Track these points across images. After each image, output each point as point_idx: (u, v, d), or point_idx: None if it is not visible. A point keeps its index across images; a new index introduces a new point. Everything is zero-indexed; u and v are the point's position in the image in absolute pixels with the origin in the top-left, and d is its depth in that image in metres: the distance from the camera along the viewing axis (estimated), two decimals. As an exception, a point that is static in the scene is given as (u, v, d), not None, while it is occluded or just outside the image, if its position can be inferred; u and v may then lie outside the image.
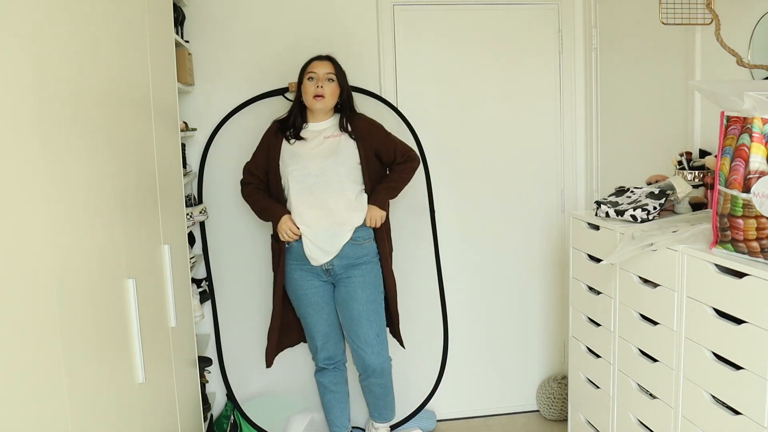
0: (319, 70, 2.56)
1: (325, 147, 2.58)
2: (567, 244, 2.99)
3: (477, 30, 3.07)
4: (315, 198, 2.54)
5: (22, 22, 0.94)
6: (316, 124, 2.63)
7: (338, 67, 2.61)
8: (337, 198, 2.54)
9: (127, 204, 1.44)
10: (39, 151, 0.98)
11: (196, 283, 2.85)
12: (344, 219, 2.55)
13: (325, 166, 2.54)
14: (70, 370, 1.04)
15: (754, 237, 1.49)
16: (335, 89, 2.59)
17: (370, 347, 2.63)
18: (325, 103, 2.56)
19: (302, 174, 2.55)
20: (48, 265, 0.99)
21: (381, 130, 2.68)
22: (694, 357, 1.69)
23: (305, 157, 2.57)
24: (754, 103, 1.47)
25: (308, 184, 2.54)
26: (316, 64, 2.59)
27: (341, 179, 2.55)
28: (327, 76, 2.56)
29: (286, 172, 2.57)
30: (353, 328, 2.63)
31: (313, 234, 2.55)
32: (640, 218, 2.01)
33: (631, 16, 2.77)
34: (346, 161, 2.57)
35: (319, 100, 2.54)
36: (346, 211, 2.55)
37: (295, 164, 2.56)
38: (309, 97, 2.56)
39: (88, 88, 1.23)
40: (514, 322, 3.28)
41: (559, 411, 3.15)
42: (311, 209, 2.54)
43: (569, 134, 3.19)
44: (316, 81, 2.56)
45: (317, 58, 2.62)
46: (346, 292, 2.61)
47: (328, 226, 2.54)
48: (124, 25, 1.50)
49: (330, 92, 2.57)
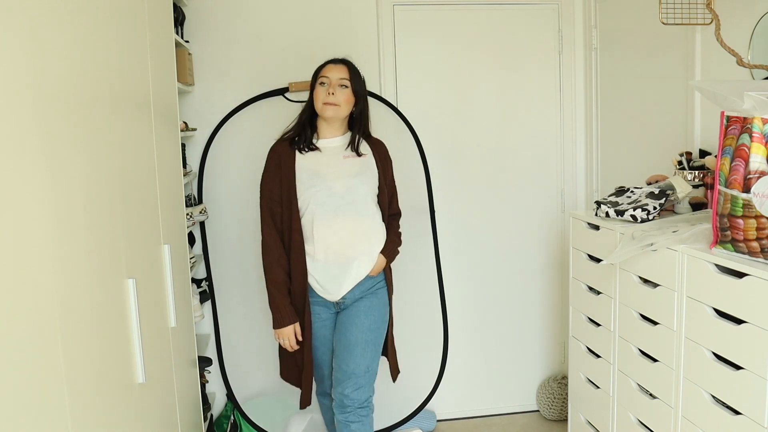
0: (332, 75, 2.30)
1: (349, 166, 2.32)
2: (567, 244, 2.99)
3: (477, 30, 3.07)
4: (342, 221, 2.27)
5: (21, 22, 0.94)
6: (327, 141, 2.35)
7: (354, 73, 2.33)
8: (366, 222, 2.30)
9: (127, 204, 1.44)
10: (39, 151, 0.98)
11: (196, 283, 2.85)
12: (372, 247, 2.32)
13: (353, 185, 2.29)
14: (70, 370, 1.04)
15: (754, 237, 1.49)
16: (349, 97, 2.31)
17: (354, 379, 2.31)
18: (337, 111, 2.28)
19: (327, 194, 2.26)
20: (48, 265, 0.99)
21: (391, 166, 2.47)
22: (694, 357, 1.69)
23: (329, 177, 2.28)
24: (754, 103, 1.47)
25: (334, 206, 2.26)
26: (330, 68, 2.33)
27: (368, 201, 2.31)
28: (340, 81, 2.29)
29: (307, 193, 2.26)
30: (344, 356, 2.32)
31: (334, 263, 2.28)
32: (640, 218, 2.01)
33: (631, 16, 2.76)
34: (371, 182, 2.34)
35: (329, 107, 2.27)
36: (375, 237, 2.33)
37: (319, 184, 2.26)
38: (319, 103, 2.29)
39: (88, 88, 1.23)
40: (514, 322, 3.28)
41: (559, 411, 3.15)
42: (336, 234, 2.27)
43: (569, 134, 3.19)
44: (327, 87, 2.29)
45: (332, 62, 2.35)
46: (347, 317, 2.34)
47: (354, 254, 2.29)
48: (124, 25, 1.50)
49: (344, 100, 2.29)
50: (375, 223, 2.34)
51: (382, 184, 2.37)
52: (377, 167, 2.36)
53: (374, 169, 2.36)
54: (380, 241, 2.35)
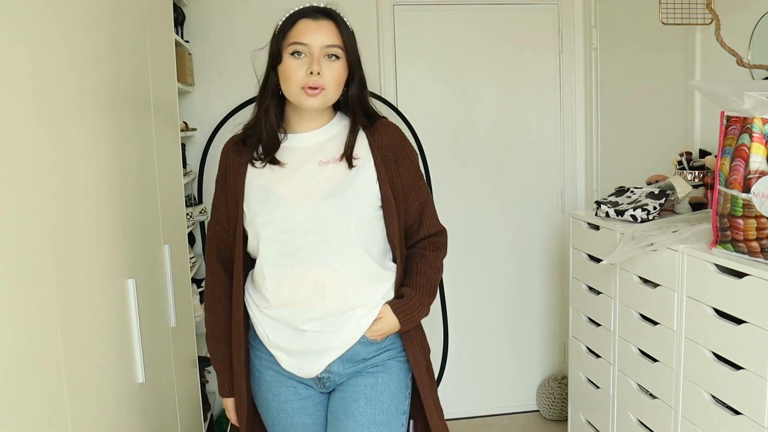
0: (314, 40, 1.40)
1: (323, 179, 1.44)
2: (567, 244, 2.99)
3: (477, 30, 3.07)
4: (302, 271, 1.43)
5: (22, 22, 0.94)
6: (303, 136, 1.48)
7: (346, 31, 1.45)
8: (350, 270, 1.44)
9: (127, 204, 1.44)
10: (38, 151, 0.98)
11: (196, 283, 2.85)
12: (355, 301, 1.46)
13: (324, 213, 1.42)
14: (70, 370, 1.04)
15: (754, 237, 1.49)
16: (341, 72, 1.42)
17: None
18: (326, 97, 1.42)
19: (281, 229, 1.42)
20: (48, 265, 0.99)
21: (414, 160, 1.57)
22: (694, 357, 1.69)
23: (286, 198, 1.43)
24: (754, 103, 1.47)
25: (291, 248, 1.43)
26: (307, 28, 1.41)
27: (351, 239, 1.43)
28: (328, 50, 1.40)
29: (255, 223, 1.44)
30: None
31: (300, 330, 1.46)
32: (640, 218, 2.01)
33: (631, 16, 2.76)
34: (359, 205, 1.44)
35: (314, 94, 1.39)
36: (361, 290, 1.46)
37: (269, 211, 1.43)
38: (294, 87, 1.40)
39: (88, 88, 1.23)
40: (514, 322, 3.28)
41: (559, 411, 3.15)
42: (298, 291, 1.44)
43: (569, 134, 3.19)
44: (308, 60, 1.39)
45: (308, 15, 1.44)
46: (341, 400, 1.50)
47: (336, 312, 1.45)
48: (124, 25, 1.50)
49: (334, 79, 1.41)
50: (366, 268, 1.46)
51: (388, 197, 1.47)
52: (377, 173, 1.47)
53: (369, 179, 1.47)
54: (383, 285, 1.50)
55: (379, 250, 1.50)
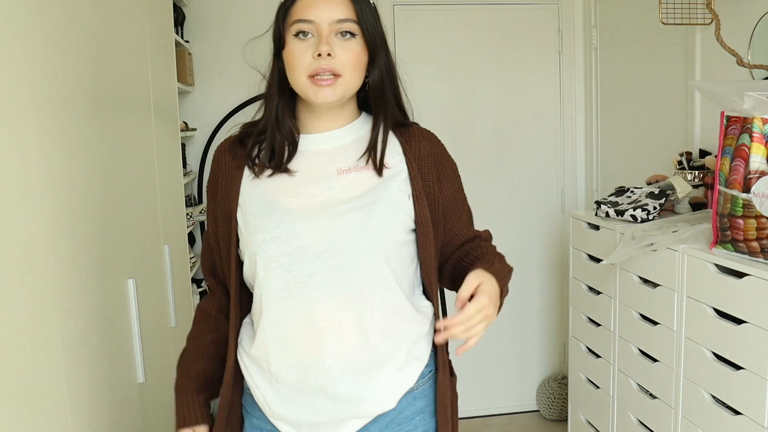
0: (321, 15, 1.12)
1: (342, 189, 1.14)
2: (567, 244, 2.99)
3: (477, 30, 3.07)
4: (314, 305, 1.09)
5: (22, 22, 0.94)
6: (317, 138, 1.19)
7: (361, 2, 1.19)
8: (370, 306, 1.11)
9: (127, 204, 1.44)
10: (39, 151, 0.98)
11: (196, 283, 2.85)
12: (384, 350, 1.13)
13: (345, 230, 1.10)
14: (70, 370, 1.04)
15: (754, 237, 1.49)
16: (359, 52, 1.14)
17: None
18: (342, 87, 1.12)
19: (287, 249, 1.10)
20: (48, 265, 0.99)
21: (457, 173, 1.36)
22: (694, 357, 1.69)
23: (295, 212, 1.12)
24: (754, 103, 1.47)
25: (300, 275, 1.10)
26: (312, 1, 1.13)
27: (379, 264, 1.11)
28: (339, 27, 1.12)
29: (252, 242, 1.12)
30: None
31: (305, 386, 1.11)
32: (640, 218, 2.01)
33: (631, 16, 2.76)
34: (387, 223, 1.13)
35: (326, 84, 1.11)
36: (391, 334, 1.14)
37: (272, 227, 1.11)
38: (300, 76, 1.12)
39: (89, 87, 1.23)
40: (514, 322, 3.28)
41: (559, 411, 3.15)
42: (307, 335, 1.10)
43: (569, 134, 3.19)
44: (316, 41, 1.11)
45: None
46: None
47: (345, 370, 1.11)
48: (124, 25, 1.50)
49: (351, 62, 1.12)
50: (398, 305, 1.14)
51: (424, 218, 1.17)
52: (413, 188, 1.18)
53: (402, 193, 1.16)
54: (414, 330, 1.18)
55: (409, 283, 1.18)
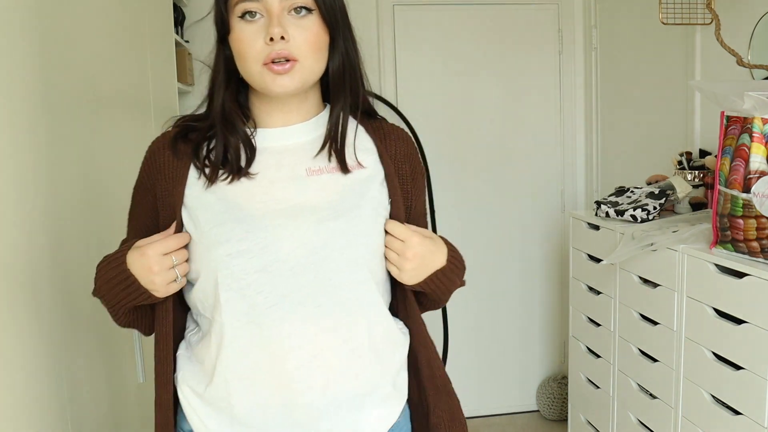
0: None
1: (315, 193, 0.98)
2: (567, 244, 2.99)
3: (477, 30, 3.07)
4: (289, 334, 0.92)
5: (23, 23, 0.94)
6: (278, 133, 1.01)
7: None
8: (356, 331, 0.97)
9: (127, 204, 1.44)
10: (39, 151, 0.98)
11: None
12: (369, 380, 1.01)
13: (324, 241, 0.95)
14: (70, 370, 1.04)
15: (754, 237, 1.49)
16: (318, 32, 0.95)
17: None
18: (301, 73, 0.94)
19: (257, 266, 0.92)
20: (48, 265, 0.99)
21: (425, 177, 1.24)
22: (694, 357, 1.69)
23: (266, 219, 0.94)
24: (754, 103, 1.47)
25: (271, 298, 0.93)
26: None
27: (364, 279, 0.98)
28: (292, 2, 0.92)
29: (211, 257, 0.92)
30: None
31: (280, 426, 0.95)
32: (640, 218, 2.01)
33: (631, 16, 2.76)
34: (371, 232, 0.99)
35: (283, 71, 0.92)
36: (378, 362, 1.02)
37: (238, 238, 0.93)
38: (252, 65, 0.94)
39: (89, 87, 1.23)
40: (514, 322, 3.28)
41: (559, 411, 3.15)
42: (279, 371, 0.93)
43: (569, 134, 3.19)
44: (266, 21, 0.92)
45: None
46: None
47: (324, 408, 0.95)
48: (124, 25, 1.50)
49: (308, 44, 0.94)
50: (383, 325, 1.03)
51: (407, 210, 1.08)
52: (389, 189, 1.03)
53: (382, 195, 1.02)
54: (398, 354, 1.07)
55: (388, 300, 1.06)
